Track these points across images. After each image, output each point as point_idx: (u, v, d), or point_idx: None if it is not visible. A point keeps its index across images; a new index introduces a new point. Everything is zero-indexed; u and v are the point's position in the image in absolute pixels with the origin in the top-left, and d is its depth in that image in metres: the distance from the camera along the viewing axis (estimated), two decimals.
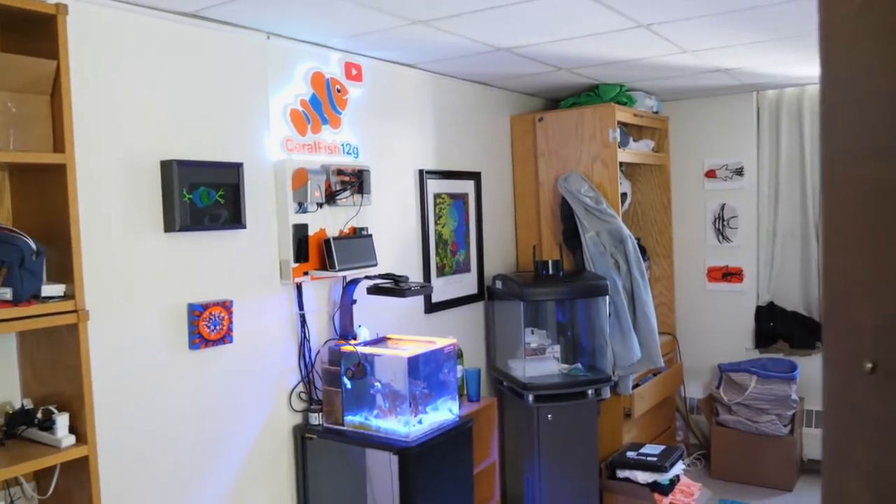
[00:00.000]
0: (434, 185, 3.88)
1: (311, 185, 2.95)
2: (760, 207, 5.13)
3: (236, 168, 2.76)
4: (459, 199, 4.09)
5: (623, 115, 4.39)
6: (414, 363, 2.84)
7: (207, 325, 2.64)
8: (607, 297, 3.98)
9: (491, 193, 4.39)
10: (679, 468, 4.14)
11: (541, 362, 4.01)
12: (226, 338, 2.71)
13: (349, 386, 2.94)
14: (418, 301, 3.73)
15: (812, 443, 4.92)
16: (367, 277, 3.12)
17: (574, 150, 4.38)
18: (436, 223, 3.90)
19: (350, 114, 3.32)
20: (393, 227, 3.61)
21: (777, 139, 5.05)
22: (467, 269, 4.15)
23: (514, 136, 4.61)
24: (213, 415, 2.73)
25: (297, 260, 2.97)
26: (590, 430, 3.98)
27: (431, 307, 3.85)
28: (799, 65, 4.12)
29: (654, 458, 4.07)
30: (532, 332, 4.07)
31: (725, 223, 5.25)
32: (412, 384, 2.84)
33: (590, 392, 3.87)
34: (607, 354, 4.00)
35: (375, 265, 3.22)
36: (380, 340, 3.13)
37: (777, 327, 5.06)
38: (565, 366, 4.06)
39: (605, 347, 4.00)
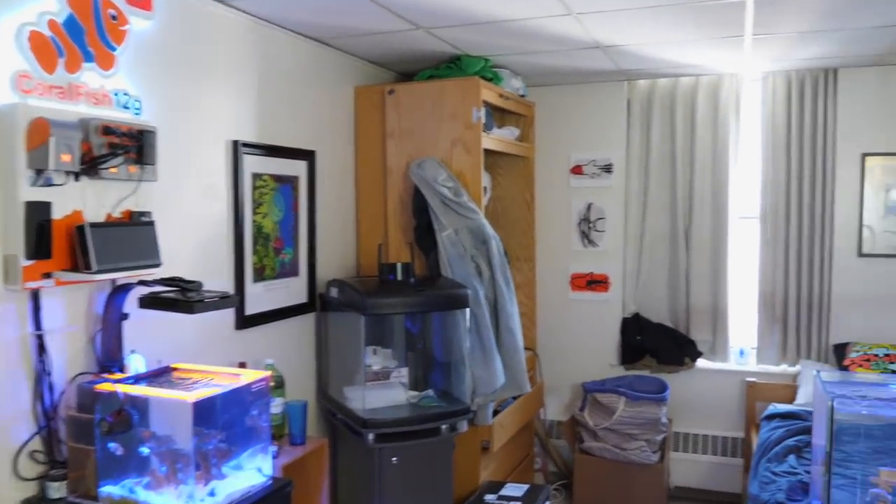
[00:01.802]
0: (253, 163, 2.99)
1: (56, 145, 1.99)
2: (629, 209, 4.64)
3: None
4: (287, 182, 3.23)
5: (489, 93, 3.71)
6: (204, 409, 1.96)
7: None
8: (467, 310, 3.26)
9: (328, 178, 3.55)
10: None
11: (384, 389, 3.23)
12: None
13: (108, 443, 2.00)
14: (226, 314, 2.83)
15: (680, 468, 4.48)
16: (143, 283, 2.19)
17: (431, 132, 3.64)
18: (254, 212, 3.01)
19: (131, 53, 2.37)
20: (192, 213, 2.69)
21: (647, 135, 4.59)
22: (295, 273, 3.30)
23: (358, 111, 3.80)
24: None
25: (32, 256, 2.00)
26: (443, 472, 3.25)
27: (245, 321, 2.95)
28: (686, 47, 3.63)
29: (518, 503, 3.40)
30: (375, 353, 3.28)
31: (591, 225, 4.72)
32: (201, 439, 1.96)
33: (444, 427, 3.13)
34: (466, 379, 3.28)
35: (158, 265, 2.30)
36: (161, 373, 2.21)
37: (644, 341, 4.58)
38: (414, 393, 3.31)
39: (464, 370, 3.28)
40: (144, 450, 1.96)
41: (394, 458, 3.05)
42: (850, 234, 4.24)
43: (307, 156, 3.35)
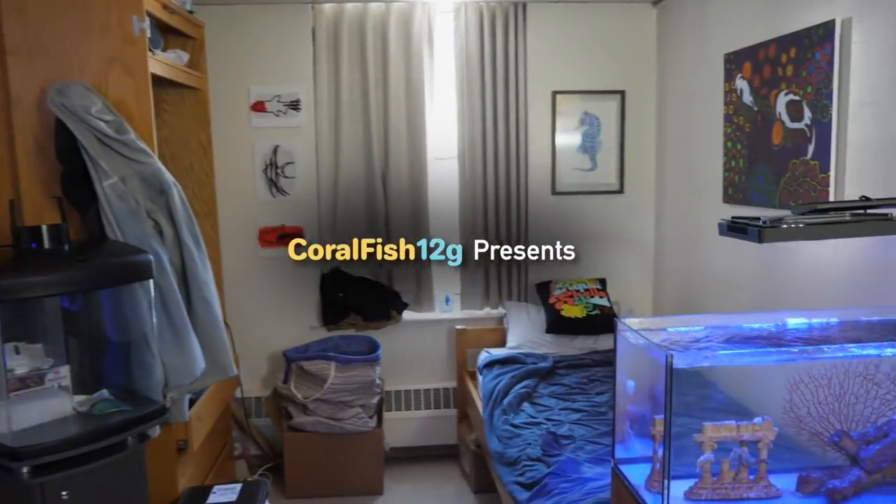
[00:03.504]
0: None
1: None
2: (320, 151, 4.14)
3: None
4: None
5: (151, 2, 2.88)
6: None
7: None
8: (150, 282, 2.50)
9: None
10: None
11: (38, 400, 2.34)
12: None
13: None
14: None
15: (394, 428, 4.17)
16: None
17: (74, 47, 2.71)
18: None
19: None
20: None
21: (337, 67, 4.09)
22: None
23: None
24: None
25: None
26: (133, 493, 2.49)
27: None
28: None
29: None
30: (18, 351, 2.36)
31: (280, 171, 4.12)
32: None
33: (130, 439, 2.37)
34: (155, 370, 2.53)
35: None
36: None
37: (347, 298, 4.16)
38: (83, 398, 2.46)
39: (152, 359, 2.53)
40: None
41: (64, 493, 2.22)
42: (543, 172, 4.25)
43: None
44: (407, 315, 4.23)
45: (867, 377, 1.62)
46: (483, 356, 3.86)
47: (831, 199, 2.61)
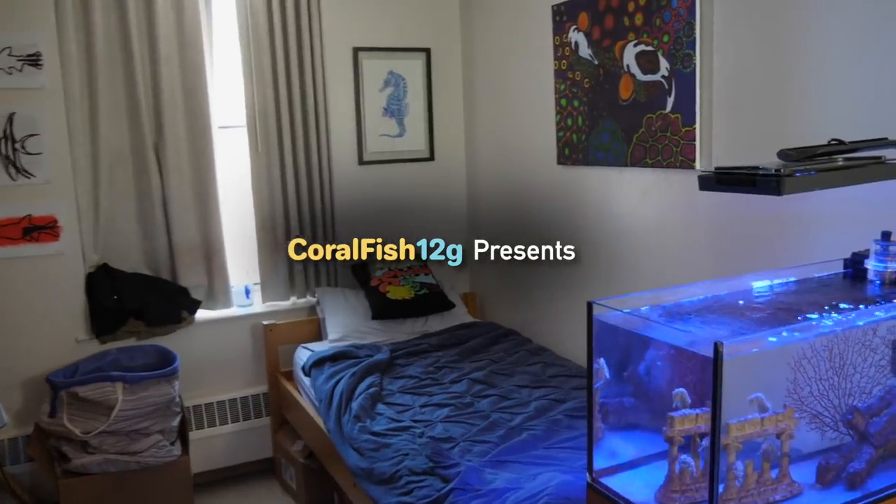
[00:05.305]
0: None
1: None
2: (73, 120, 3.28)
3: None
4: None
5: None
6: None
7: None
8: None
9: None
10: None
11: None
12: None
13: None
14: None
15: (197, 451, 3.46)
16: None
17: None
18: None
19: None
20: None
21: (86, 10, 3.27)
22: None
23: None
24: None
25: None
26: None
27: None
28: None
29: None
30: None
31: (19, 146, 3.21)
32: None
33: None
34: None
35: None
36: None
37: (124, 301, 3.38)
38: None
39: None
40: None
41: None
42: (348, 139, 3.79)
43: None
44: (201, 314, 3.55)
45: (865, 343, 1.45)
46: (304, 354, 3.34)
47: (698, 152, 2.50)
